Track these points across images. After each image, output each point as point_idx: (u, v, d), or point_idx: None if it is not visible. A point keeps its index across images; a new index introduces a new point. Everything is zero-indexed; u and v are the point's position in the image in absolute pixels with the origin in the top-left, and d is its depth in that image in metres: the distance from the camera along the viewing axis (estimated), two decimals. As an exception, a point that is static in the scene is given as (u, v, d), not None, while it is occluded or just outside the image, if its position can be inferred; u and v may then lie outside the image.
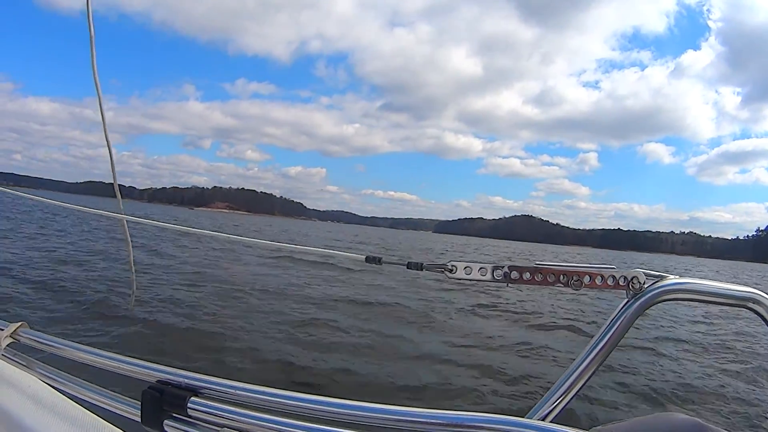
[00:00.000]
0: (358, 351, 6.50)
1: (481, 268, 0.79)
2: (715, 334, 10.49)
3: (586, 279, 0.76)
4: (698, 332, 10.56)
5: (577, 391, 0.73)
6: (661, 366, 7.32)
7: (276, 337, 6.82)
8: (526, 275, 0.78)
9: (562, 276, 0.77)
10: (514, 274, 0.78)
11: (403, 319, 8.88)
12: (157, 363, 0.89)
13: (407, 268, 0.85)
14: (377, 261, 0.90)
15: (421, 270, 0.83)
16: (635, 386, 6.10)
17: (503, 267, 0.78)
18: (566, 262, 0.80)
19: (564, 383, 0.73)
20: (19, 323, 1.13)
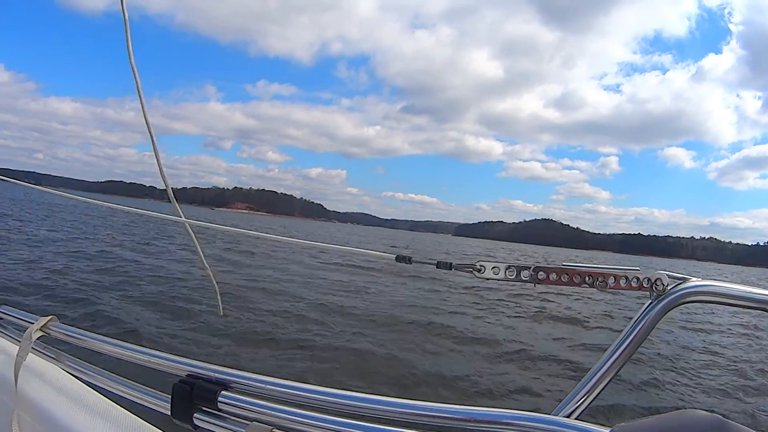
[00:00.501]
0: (387, 348, 6.55)
1: (508, 268, 0.79)
2: (741, 335, 10.42)
3: (611, 280, 0.76)
4: (722, 334, 10.49)
5: (602, 390, 0.73)
6: (684, 366, 7.35)
7: (311, 332, 6.96)
8: (553, 276, 0.78)
9: (587, 277, 0.77)
10: (541, 275, 0.78)
11: (430, 319, 8.92)
12: (187, 357, 0.90)
13: (437, 267, 0.85)
14: (407, 260, 0.90)
15: (450, 269, 0.83)
16: (658, 385, 6.15)
17: (530, 267, 0.78)
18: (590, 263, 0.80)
19: (589, 382, 0.73)
20: (50, 317, 1.15)
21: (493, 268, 0.79)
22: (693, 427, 0.54)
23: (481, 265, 0.80)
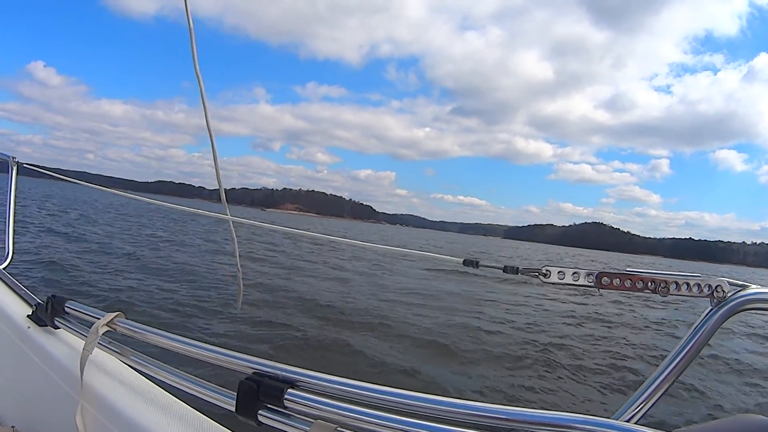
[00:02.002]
0: (448, 351, 6.53)
1: (574, 273, 0.80)
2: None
3: (673, 287, 0.77)
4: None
5: (661, 395, 0.74)
6: (742, 371, 7.20)
7: (377, 335, 6.94)
8: (617, 281, 0.78)
9: (650, 283, 0.77)
10: (605, 280, 0.79)
11: (491, 321, 8.92)
12: (252, 355, 0.93)
13: (504, 271, 0.87)
14: (475, 264, 0.92)
15: (517, 274, 0.85)
16: (716, 390, 6.04)
17: (595, 272, 0.80)
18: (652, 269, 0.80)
19: (648, 387, 0.75)
20: (116, 312, 1.21)
21: (559, 272, 0.81)
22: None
23: (547, 270, 0.82)
